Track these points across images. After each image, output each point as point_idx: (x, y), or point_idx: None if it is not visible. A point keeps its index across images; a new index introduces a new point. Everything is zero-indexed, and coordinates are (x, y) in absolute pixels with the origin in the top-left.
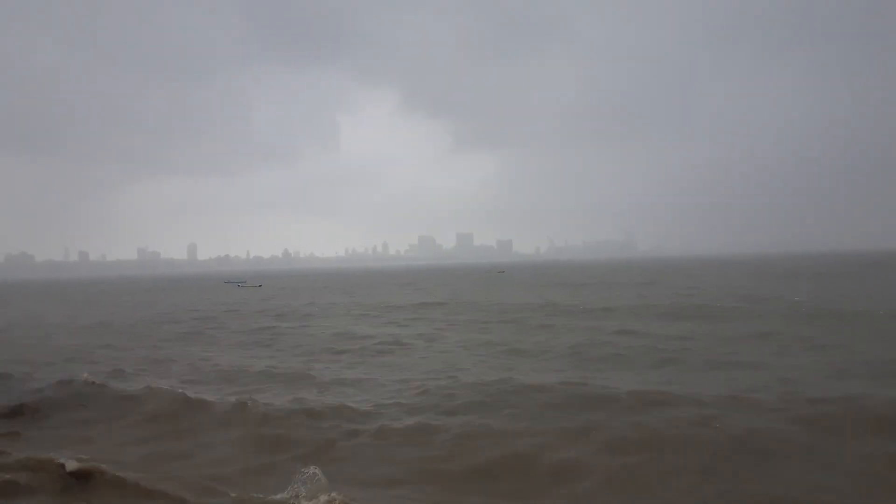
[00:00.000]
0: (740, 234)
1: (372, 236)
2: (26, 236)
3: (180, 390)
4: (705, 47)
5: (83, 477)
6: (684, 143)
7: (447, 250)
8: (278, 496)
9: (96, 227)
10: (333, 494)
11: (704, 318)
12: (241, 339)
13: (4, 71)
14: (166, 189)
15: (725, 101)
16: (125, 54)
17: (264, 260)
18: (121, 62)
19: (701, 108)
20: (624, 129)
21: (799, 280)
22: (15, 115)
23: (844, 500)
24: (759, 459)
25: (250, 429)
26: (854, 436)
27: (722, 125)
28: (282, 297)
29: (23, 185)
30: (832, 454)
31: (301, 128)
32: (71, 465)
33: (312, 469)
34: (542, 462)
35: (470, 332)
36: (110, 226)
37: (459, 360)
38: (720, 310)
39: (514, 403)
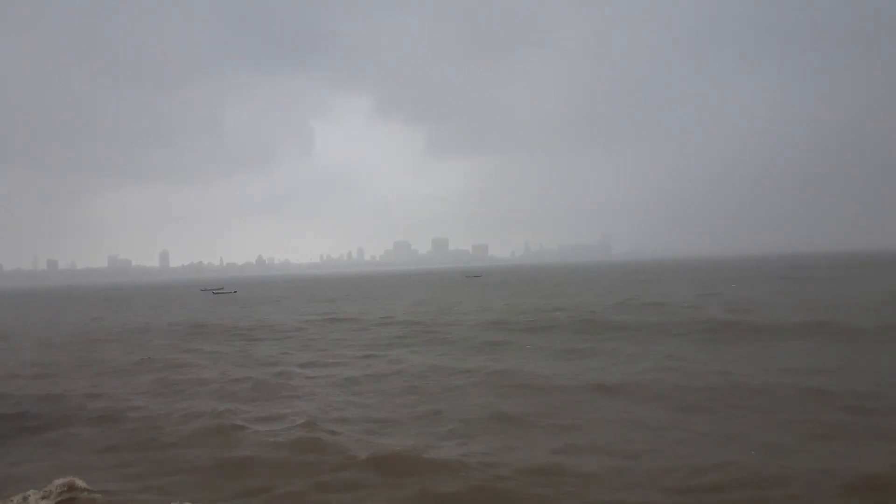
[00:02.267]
0: (720, 236)
1: (347, 242)
2: None
3: None
4: (685, 50)
5: None
6: (663, 146)
7: (422, 255)
8: None
9: (66, 235)
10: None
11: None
12: None
13: None
14: (138, 197)
15: (706, 104)
16: (93, 62)
17: (238, 267)
18: (89, 70)
19: (681, 111)
20: (602, 133)
21: (745, 283)
22: None
23: None
24: None
25: None
26: None
27: (702, 128)
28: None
29: None
30: None
31: (275, 133)
32: None
33: None
34: None
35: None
36: (80, 234)
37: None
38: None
39: None
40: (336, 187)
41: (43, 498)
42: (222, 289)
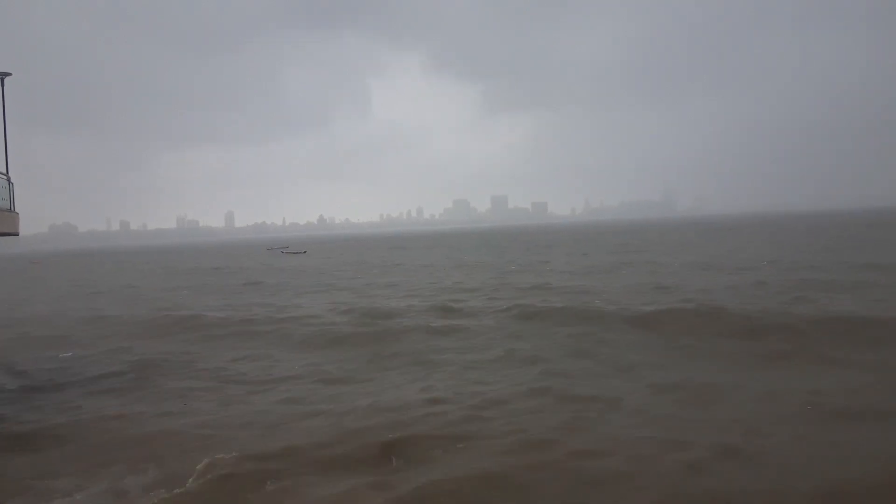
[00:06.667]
0: (784, 191)
1: (407, 201)
2: (70, 208)
3: None
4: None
5: None
6: (725, 100)
7: (482, 213)
8: None
9: (136, 197)
10: None
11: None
12: None
13: (40, 51)
14: (202, 159)
15: (768, 56)
16: (155, 29)
17: (300, 226)
18: (151, 36)
19: (742, 63)
20: (661, 87)
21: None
22: (53, 94)
23: None
24: None
25: None
26: None
27: (764, 80)
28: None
29: (65, 160)
30: None
31: (333, 92)
32: None
33: None
34: None
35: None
36: (149, 196)
37: None
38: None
39: None
40: (394, 146)
41: None
42: (288, 248)
